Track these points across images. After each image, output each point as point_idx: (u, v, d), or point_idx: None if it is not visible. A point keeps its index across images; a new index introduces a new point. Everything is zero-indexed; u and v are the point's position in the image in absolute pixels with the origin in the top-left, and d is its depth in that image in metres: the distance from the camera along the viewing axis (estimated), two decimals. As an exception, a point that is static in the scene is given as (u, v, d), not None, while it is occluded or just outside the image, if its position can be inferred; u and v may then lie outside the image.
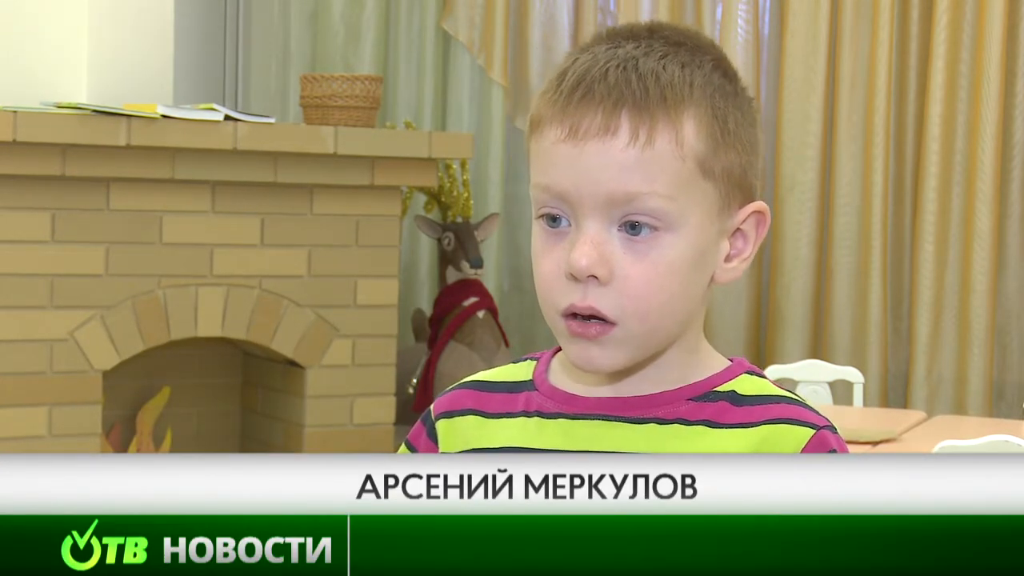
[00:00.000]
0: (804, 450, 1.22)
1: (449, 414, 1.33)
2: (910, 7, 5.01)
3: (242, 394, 4.60)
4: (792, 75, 5.08)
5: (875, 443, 3.57)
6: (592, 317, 1.21)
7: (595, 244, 1.20)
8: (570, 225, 1.22)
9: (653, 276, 1.20)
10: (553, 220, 1.23)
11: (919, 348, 4.95)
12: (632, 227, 1.20)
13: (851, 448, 3.78)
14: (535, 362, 1.33)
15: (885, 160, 4.97)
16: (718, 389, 1.26)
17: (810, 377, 4.36)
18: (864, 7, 5.01)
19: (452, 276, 4.98)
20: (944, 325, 4.95)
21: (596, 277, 1.20)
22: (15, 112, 3.76)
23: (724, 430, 1.23)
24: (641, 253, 1.20)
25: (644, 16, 5.18)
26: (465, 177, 5.07)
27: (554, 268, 1.22)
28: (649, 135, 1.19)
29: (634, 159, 1.19)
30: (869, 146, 4.99)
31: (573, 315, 1.22)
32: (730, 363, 1.29)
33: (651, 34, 1.24)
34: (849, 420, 3.92)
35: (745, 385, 1.27)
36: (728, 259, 1.26)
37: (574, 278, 1.20)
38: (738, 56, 5.12)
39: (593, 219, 1.20)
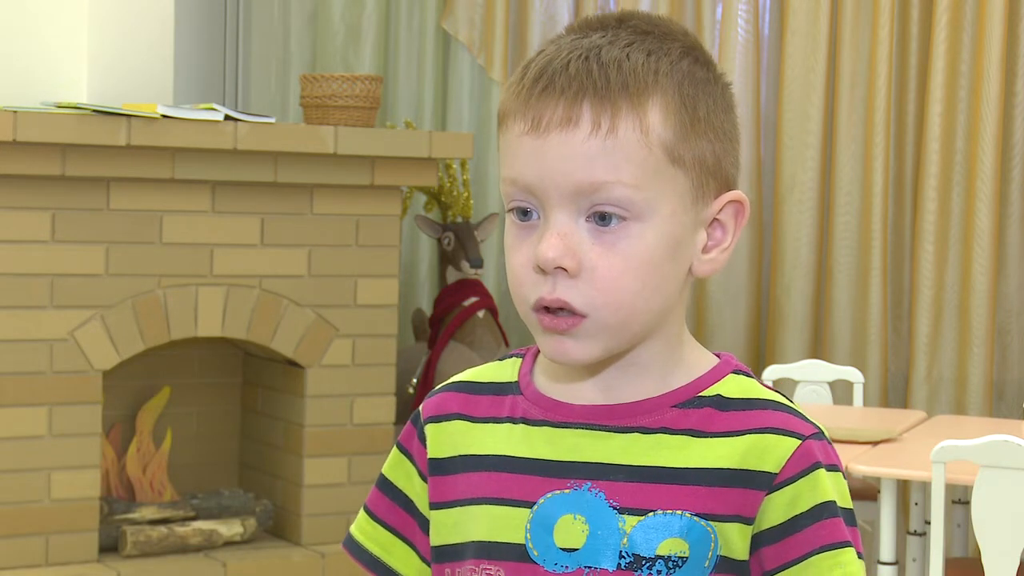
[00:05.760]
0: (787, 463, 1.20)
1: (437, 418, 1.32)
2: (910, 7, 5.00)
3: (242, 394, 4.59)
4: (792, 75, 5.07)
5: (875, 443, 3.57)
6: (562, 310, 1.20)
7: (562, 236, 1.18)
8: (539, 218, 1.20)
9: (622, 267, 1.19)
10: (524, 214, 1.21)
11: (919, 348, 4.95)
12: (601, 218, 1.19)
13: (851, 448, 3.79)
14: (520, 360, 1.32)
15: (885, 160, 4.97)
16: (703, 394, 1.24)
17: (810, 377, 4.36)
18: (864, 7, 5.01)
19: (452, 276, 4.98)
20: (944, 325, 4.94)
21: (564, 269, 1.18)
22: (15, 112, 3.76)
23: (709, 439, 1.22)
24: (609, 244, 1.19)
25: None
26: (465, 177, 5.07)
27: (524, 261, 1.21)
28: (612, 124, 1.18)
29: (597, 149, 1.18)
30: (869, 146, 4.99)
31: (544, 309, 1.20)
32: (717, 360, 1.27)
33: (620, 23, 1.23)
34: (849, 420, 3.92)
35: (731, 387, 1.25)
36: (706, 250, 1.24)
37: (543, 271, 1.19)
38: (738, 56, 5.12)
39: (561, 211, 1.19)
